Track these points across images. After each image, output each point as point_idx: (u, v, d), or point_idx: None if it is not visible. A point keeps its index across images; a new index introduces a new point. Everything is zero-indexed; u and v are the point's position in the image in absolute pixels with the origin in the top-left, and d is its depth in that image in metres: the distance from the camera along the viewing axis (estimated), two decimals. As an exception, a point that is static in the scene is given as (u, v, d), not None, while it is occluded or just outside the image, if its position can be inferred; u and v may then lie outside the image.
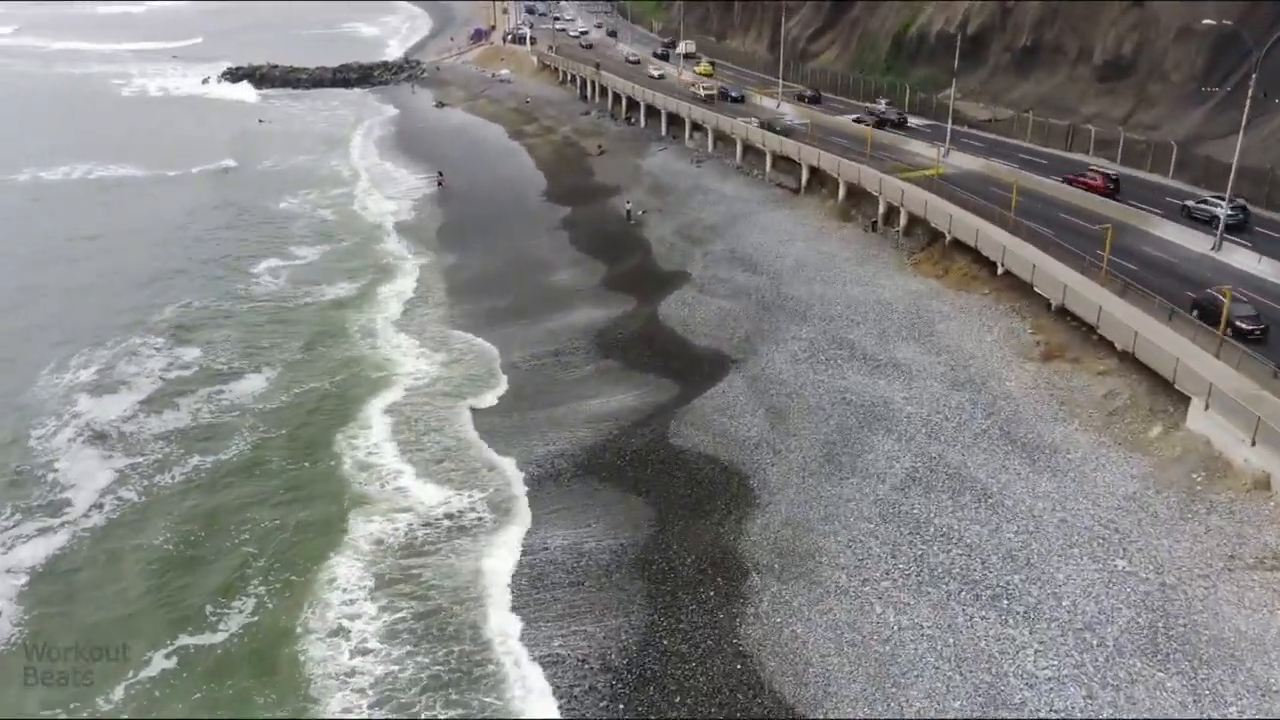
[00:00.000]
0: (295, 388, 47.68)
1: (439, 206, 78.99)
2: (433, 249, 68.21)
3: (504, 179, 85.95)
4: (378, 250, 68.26)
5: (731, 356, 46.78)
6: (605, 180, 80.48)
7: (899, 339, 45.86)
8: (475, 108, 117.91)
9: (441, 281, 62.35)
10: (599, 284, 59.84)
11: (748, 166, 76.66)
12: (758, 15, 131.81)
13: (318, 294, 59.88)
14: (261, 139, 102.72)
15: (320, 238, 70.72)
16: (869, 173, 61.25)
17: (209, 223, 73.70)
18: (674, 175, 77.58)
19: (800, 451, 37.85)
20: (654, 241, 64.31)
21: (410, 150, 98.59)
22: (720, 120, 79.92)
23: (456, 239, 70.31)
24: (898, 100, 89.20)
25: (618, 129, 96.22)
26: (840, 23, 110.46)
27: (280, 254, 66.65)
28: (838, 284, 52.93)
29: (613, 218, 71.13)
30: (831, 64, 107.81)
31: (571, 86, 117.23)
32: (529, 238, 69.54)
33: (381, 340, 53.25)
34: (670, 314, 52.67)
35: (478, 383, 48.04)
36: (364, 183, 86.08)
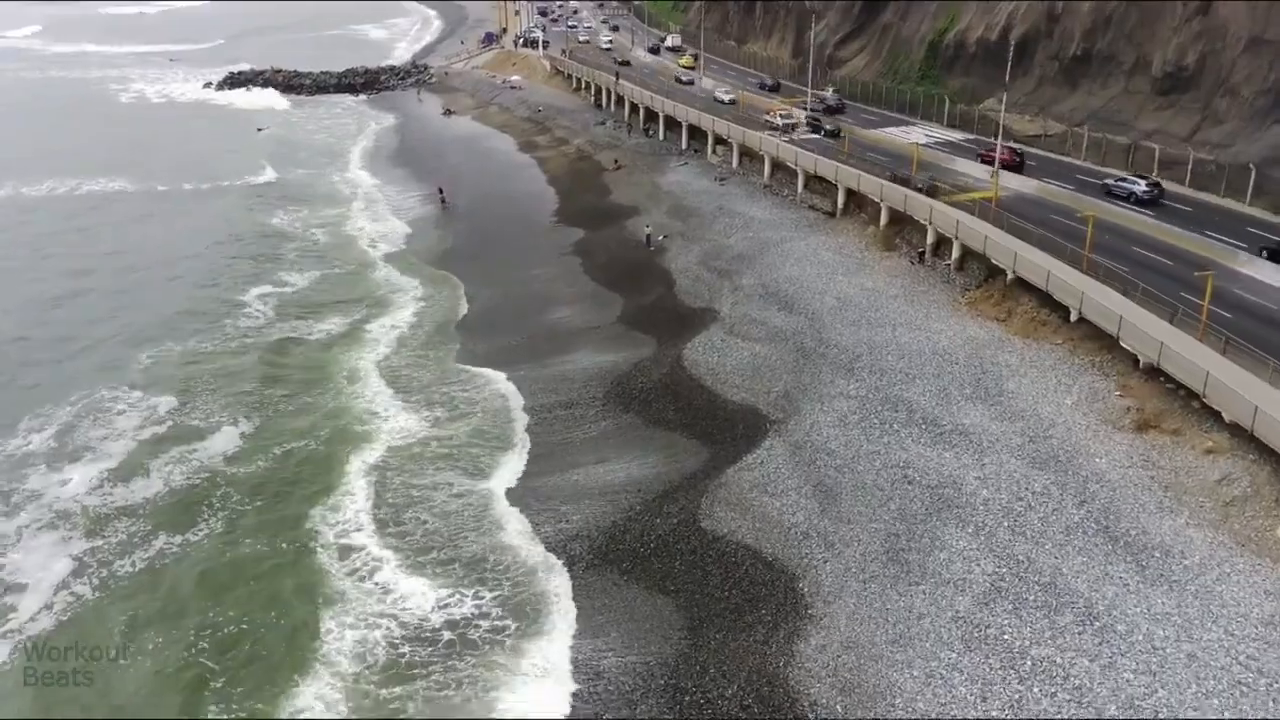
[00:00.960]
0: (276, 446, 42.17)
1: (440, 228, 73.42)
2: (430, 278, 62.55)
3: (513, 196, 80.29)
4: (372, 279, 62.62)
5: (769, 416, 40.94)
6: (622, 199, 74.71)
7: (963, 398, 39.94)
8: (484, 116, 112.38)
9: (438, 315, 56.72)
10: (615, 321, 54.09)
11: (777, 186, 70.80)
12: (780, 19, 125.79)
13: (306, 330, 54.28)
14: (258, 150, 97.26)
15: (313, 262, 65.08)
16: (918, 199, 55.23)
17: (196, 245, 68.20)
18: (697, 194, 71.74)
19: (858, 545, 32.01)
20: (676, 272, 58.50)
21: (413, 163, 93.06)
22: (748, 135, 73.99)
23: (457, 266, 64.66)
24: (931, 112, 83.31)
25: (635, 141, 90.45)
26: (870, 28, 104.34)
27: (272, 280, 61.07)
28: (886, 327, 47.00)
29: (630, 243, 65.37)
30: (861, 72, 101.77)
31: (586, 94, 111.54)
32: (538, 265, 63.88)
33: (370, 388, 47.62)
34: (697, 360, 46.85)
35: (475, 444, 42.35)
36: (361, 200, 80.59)
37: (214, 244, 67.91)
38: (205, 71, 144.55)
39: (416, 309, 57.54)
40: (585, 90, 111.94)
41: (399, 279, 62.68)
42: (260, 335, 53.27)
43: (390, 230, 72.51)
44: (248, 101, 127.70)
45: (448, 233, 71.98)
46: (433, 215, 76.96)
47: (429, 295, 59.46)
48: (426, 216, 76.55)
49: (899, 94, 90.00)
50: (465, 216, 76.07)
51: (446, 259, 66.39)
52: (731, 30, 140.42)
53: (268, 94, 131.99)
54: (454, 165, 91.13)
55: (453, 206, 78.36)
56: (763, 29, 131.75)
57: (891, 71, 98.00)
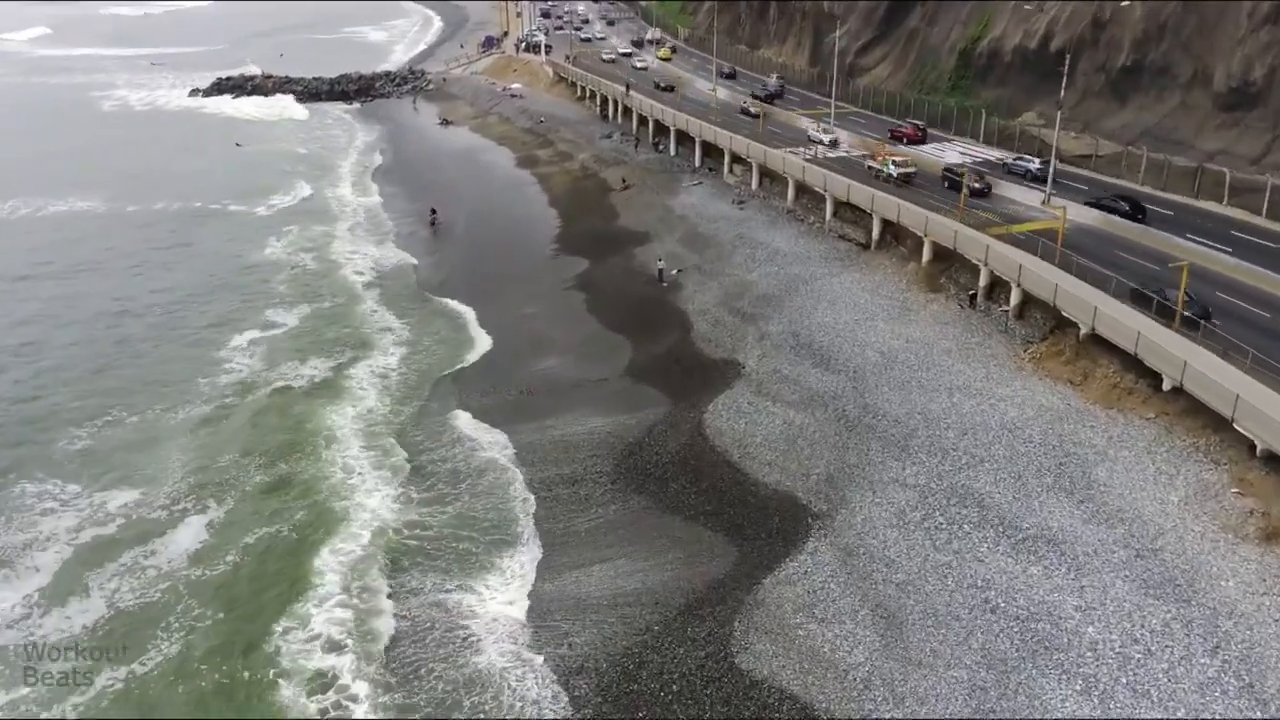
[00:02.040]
0: (245, 534, 35.97)
1: (433, 255, 67.05)
2: (419, 316, 56.16)
3: (511, 219, 73.90)
4: (357, 316, 56.04)
5: (811, 507, 34.50)
6: (630, 224, 68.24)
7: (1043, 489, 33.44)
8: (483, 127, 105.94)
9: (427, 362, 50.34)
10: (624, 373, 47.68)
11: (802, 211, 64.27)
12: (796, 23, 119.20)
13: (285, 381, 47.58)
14: (238, 165, 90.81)
15: (295, 298, 57.88)
16: (971, 235, 48.63)
17: (165, 279, 61.48)
18: (713, 220, 65.23)
19: (935, 701, 25.56)
20: (693, 314, 52.04)
21: (407, 180, 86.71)
22: (770, 155, 67.40)
23: (449, 301, 58.43)
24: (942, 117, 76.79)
25: (644, 157, 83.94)
26: (895, 34, 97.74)
27: (245, 323, 54.05)
28: (941, 391, 40.48)
29: (640, 276, 58.92)
30: (885, 81, 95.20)
31: (591, 104, 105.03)
32: (536, 301, 57.49)
33: (351, 454, 41.28)
34: (720, 428, 40.42)
35: (465, 533, 35.98)
36: (348, 222, 73.94)
37: (185, 277, 61.31)
38: (194, 76, 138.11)
39: (403, 354, 51.06)
40: (590, 100, 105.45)
41: (386, 316, 56.16)
42: (235, 394, 46.48)
43: (379, 258, 66.00)
44: (237, 109, 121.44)
45: (440, 261, 65.57)
46: (425, 240, 70.58)
47: (417, 337, 52.97)
48: (419, 241, 70.19)
49: (928, 106, 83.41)
50: (459, 242, 69.68)
51: (438, 292, 59.97)
52: (743, 34, 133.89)
53: (258, 100, 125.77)
54: (449, 182, 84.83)
55: (446, 230, 72.13)
56: (777, 33, 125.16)
57: (918, 81, 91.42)
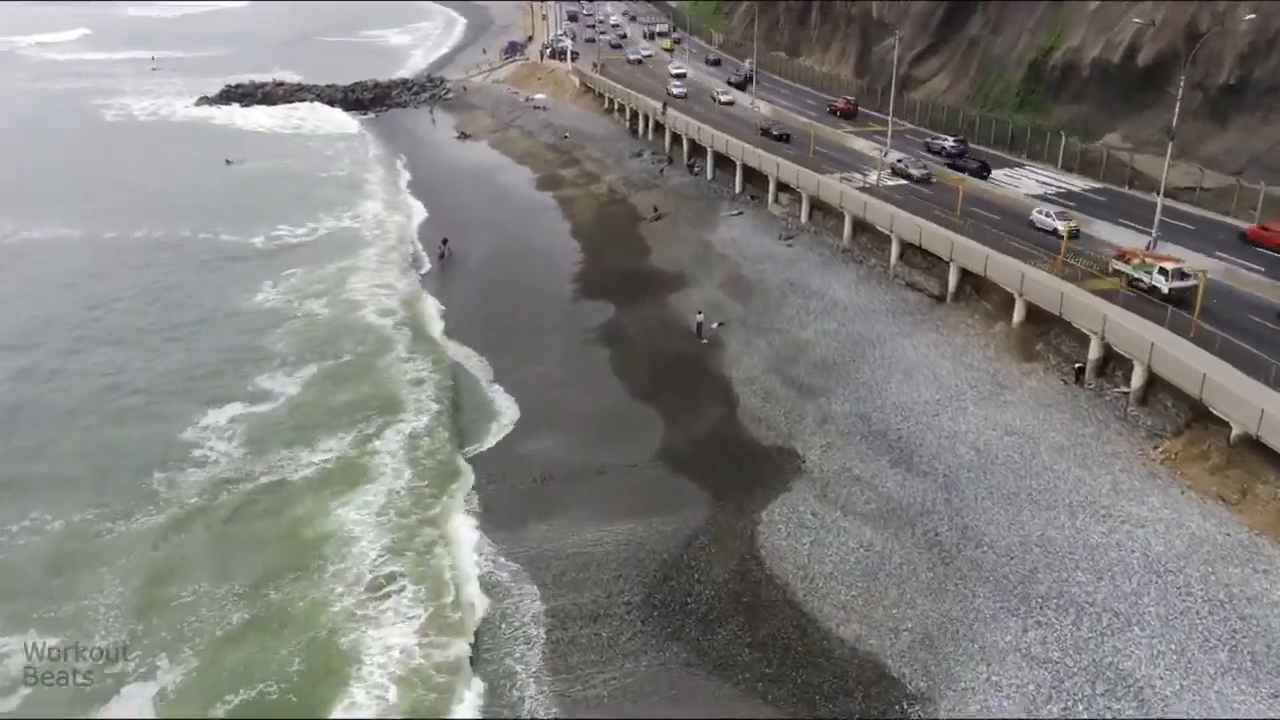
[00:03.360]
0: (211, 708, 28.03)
1: (440, 295, 59.16)
2: (416, 379, 47.79)
3: (529, 250, 65.99)
4: (347, 380, 47.80)
5: (905, 683, 26.40)
6: (663, 262, 60.20)
7: (1218, 671, 25.16)
8: (503, 141, 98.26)
9: (425, 438, 42.31)
10: (657, 458, 39.68)
11: (860, 251, 56.00)
12: (841, 29, 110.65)
13: (267, 468, 39.42)
14: (234, 187, 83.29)
15: (290, 356, 49.85)
16: (1084, 302, 39.98)
17: (134, 331, 53.12)
18: (758, 260, 57.10)
19: None
20: (739, 382, 43.96)
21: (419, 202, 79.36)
22: (823, 185, 58.99)
23: (451, 359, 50.30)
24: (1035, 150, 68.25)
25: (678, 180, 75.85)
26: (953, 42, 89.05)
27: (221, 390, 45.66)
28: (1060, 509, 32.21)
29: (674, 329, 50.88)
30: (942, 94, 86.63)
31: (620, 117, 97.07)
32: (553, 357, 49.55)
33: (352, 573, 33.39)
34: (778, 548, 32.44)
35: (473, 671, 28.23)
36: (349, 256, 65.83)
37: (157, 328, 53.30)
38: (204, 82, 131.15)
39: (399, 435, 42.70)
40: (619, 113, 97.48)
41: (380, 380, 48.19)
42: (203, 494, 37.91)
43: (377, 301, 58.01)
44: (249, 121, 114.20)
45: (447, 304, 57.54)
46: (432, 276, 62.91)
47: (414, 410, 44.89)
48: (425, 277, 62.49)
49: (995, 125, 74.81)
50: (470, 279, 61.94)
51: (442, 341, 52.31)
52: (781, 40, 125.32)
53: (267, 109, 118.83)
54: (463, 205, 77.29)
55: (458, 262, 64.59)
56: (819, 40, 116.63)
57: (980, 95, 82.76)
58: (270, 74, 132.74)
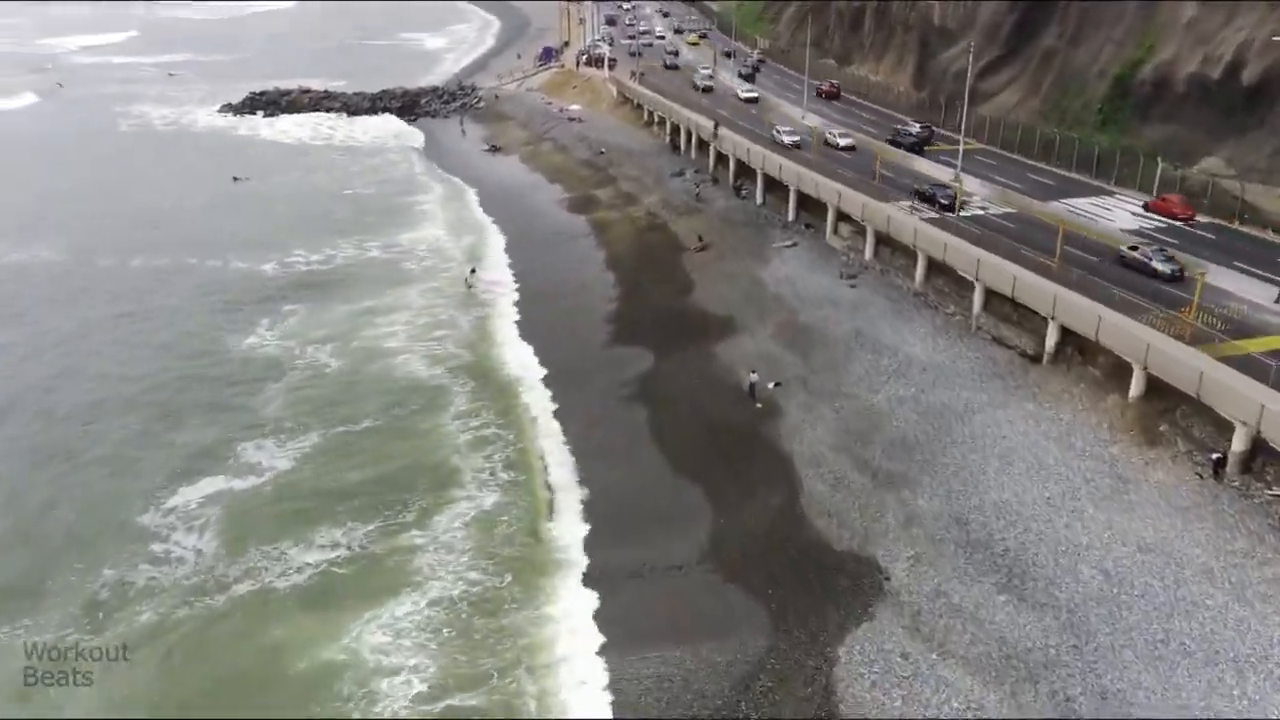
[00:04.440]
0: None
1: (465, 329, 53.15)
2: (440, 439, 41.86)
3: (560, 286, 59.88)
4: (360, 437, 41.73)
5: None
6: (709, 302, 53.62)
7: None
8: (535, 156, 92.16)
9: (450, 534, 36.05)
10: (706, 559, 33.24)
11: (935, 296, 49.05)
12: (898, 36, 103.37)
13: (246, 572, 33.14)
14: (250, 206, 77.73)
15: (289, 418, 43.47)
16: (1229, 385, 32.67)
17: (108, 378, 47.21)
18: (818, 303, 50.33)
19: None
20: (802, 462, 37.30)
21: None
22: (894, 221, 51.92)
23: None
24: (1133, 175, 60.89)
25: (724, 204, 69.20)
26: (1026, 53, 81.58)
27: (204, 463, 39.35)
28: (1223, 667, 25.28)
29: (723, 387, 44.26)
30: (1013, 110, 79.16)
31: (660, 131, 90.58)
32: (583, 418, 43.21)
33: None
34: (860, 702, 25.83)
35: None
36: (363, 287, 59.54)
37: (133, 376, 47.34)
38: (230, 88, 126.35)
39: (412, 517, 36.56)
40: (659, 127, 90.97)
41: (395, 436, 42.25)
42: (160, 606, 31.56)
43: (395, 339, 51.90)
44: (273, 128, 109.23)
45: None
46: (457, 301, 56.83)
47: (446, 473, 38.59)
48: (448, 307, 56.36)
49: (1075, 146, 67.42)
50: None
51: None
52: (831, 47, 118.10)
53: (291, 117, 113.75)
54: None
55: (483, 292, 58.61)
56: (873, 47, 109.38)
57: (1057, 112, 75.30)
58: (297, 80, 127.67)
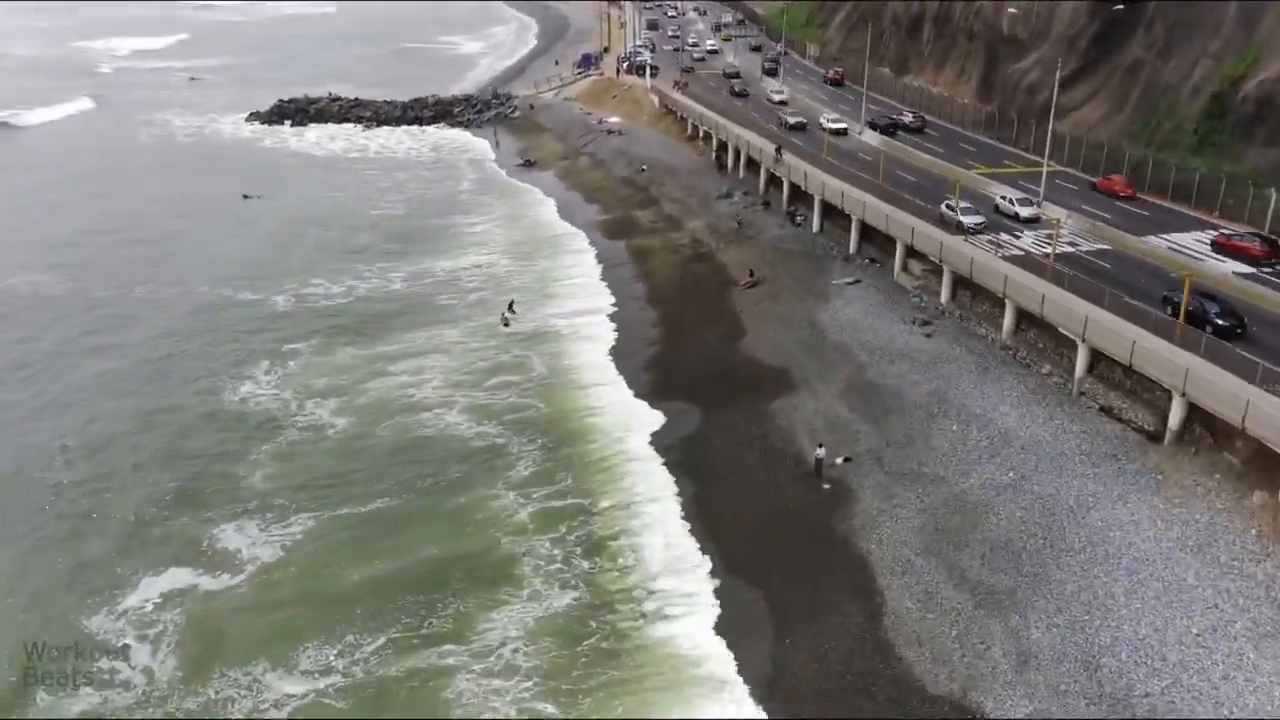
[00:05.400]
0: None
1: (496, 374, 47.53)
2: (464, 500, 36.29)
3: (597, 323, 54.09)
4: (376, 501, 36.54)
5: None
6: (762, 349, 47.55)
7: None
8: (571, 172, 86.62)
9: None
10: (766, 698, 27.13)
11: (1026, 351, 42.56)
12: (960, 44, 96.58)
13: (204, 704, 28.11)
14: (261, 230, 72.38)
15: (275, 485, 38.58)
16: None
17: (83, 429, 42.20)
18: (888, 354, 44.06)
19: None
20: (882, 567, 31.15)
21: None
22: (980, 262, 45.30)
23: (500, 462, 38.42)
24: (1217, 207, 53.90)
25: (777, 232, 63.06)
26: (1108, 65, 74.55)
27: (169, 549, 33.98)
28: None
29: (782, 458, 38.18)
30: (1094, 128, 72.19)
31: (705, 146, 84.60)
32: (613, 490, 37.31)
33: None
34: None
35: None
36: (377, 325, 54.24)
37: (104, 435, 41.88)
38: (259, 94, 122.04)
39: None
40: (704, 141, 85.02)
41: (415, 518, 36.59)
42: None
43: (418, 391, 46.13)
44: (303, 140, 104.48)
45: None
46: (489, 334, 51.34)
47: (479, 580, 32.89)
48: (482, 342, 50.84)
49: (1174, 172, 60.39)
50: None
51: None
52: (886, 54, 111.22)
53: (317, 127, 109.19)
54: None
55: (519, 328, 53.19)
56: (932, 56, 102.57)
57: (1146, 131, 68.25)
58: (328, 86, 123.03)
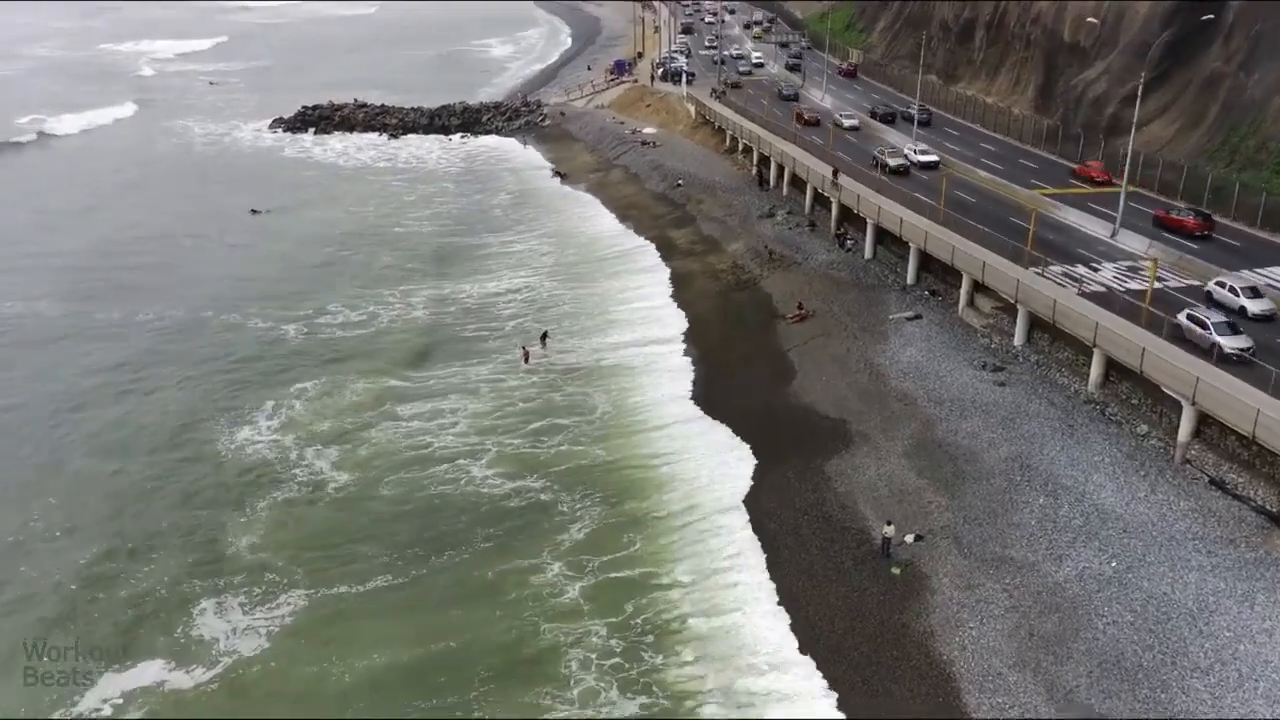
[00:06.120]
0: None
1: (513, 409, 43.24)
2: (475, 553, 31.98)
3: (630, 361, 49.65)
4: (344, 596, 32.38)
5: None
6: (814, 394, 42.86)
7: None
8: (603, 185, 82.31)
9: None
10: None
11: (1118, 406, 37.64)
12: (1016, 52, 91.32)
13: None
14: (259, 247, 68.66)
15: (258, 559, 35.04)
16: None
17: (58, 512, 38.22)
18: (959, 407, 39.27)
19: None
20: (968, 680, 26.40)
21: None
22: (1064, 305, 40.22)
23: (517, 523, 34.00)
24: None
25: (824, 255, 58.42)
26: (1182, 77, 69.18)
27: (136, 637, 29.92)
28: None
29: (840, 531, 33.50)
30: (1167, 145, 66.94)
31: (744, 160, 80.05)
32: (687, 557, 32.91)
33: None
34: None
35: None
36: (395, 359, 49.98)
37: (88, 484, 37.93)
38: (283, 100, 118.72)
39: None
40: (743, 155, 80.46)
41: (431, 599, 32.36)
42: None
43: (437, 438, 41.98)
44: (328, 150, 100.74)
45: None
46: (529, 370, 47.17)
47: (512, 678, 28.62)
48: (521, 380, 46.61)
49: (1267, 195, 55.05)
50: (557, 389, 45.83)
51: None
52: (933, 62, 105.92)
53: (340, 135, 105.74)
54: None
55: (540, 362, 48.90)
56: (985, 64, 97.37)
57: (1225, 150, 62.98)
58: (355, 92, 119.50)
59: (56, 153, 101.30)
